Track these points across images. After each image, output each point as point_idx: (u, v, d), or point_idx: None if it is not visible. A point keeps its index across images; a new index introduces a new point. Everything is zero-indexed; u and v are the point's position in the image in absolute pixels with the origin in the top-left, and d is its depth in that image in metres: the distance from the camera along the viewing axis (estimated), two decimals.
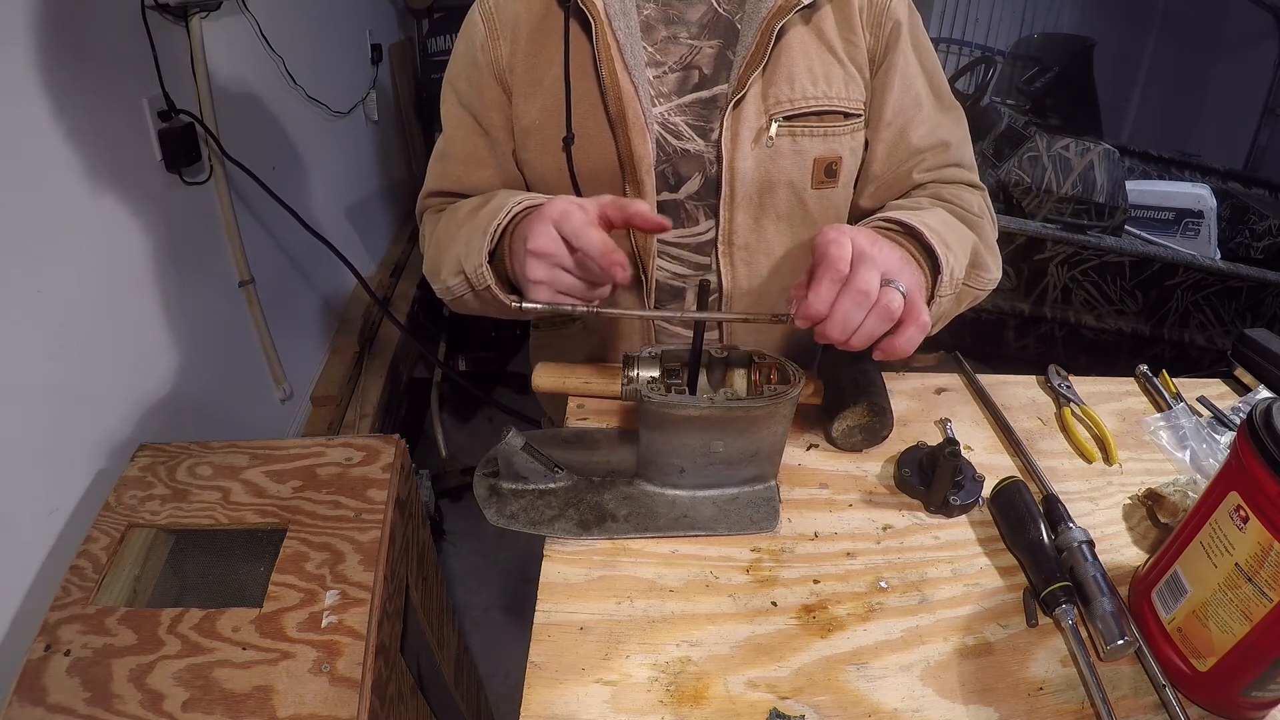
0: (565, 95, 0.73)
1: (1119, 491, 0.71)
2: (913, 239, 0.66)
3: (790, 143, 0.75)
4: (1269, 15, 3.17)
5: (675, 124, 0.76)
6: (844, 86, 0.75)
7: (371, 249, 2.34)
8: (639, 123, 0.72)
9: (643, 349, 0.63)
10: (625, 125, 0.72)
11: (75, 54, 1.01)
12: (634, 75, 0.72)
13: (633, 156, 0.73)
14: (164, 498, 0.89)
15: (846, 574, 0.61)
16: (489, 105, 0.79)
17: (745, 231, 0.78)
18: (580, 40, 0.73)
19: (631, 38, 0.72)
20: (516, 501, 0.64)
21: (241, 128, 1.46)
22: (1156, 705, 0.53)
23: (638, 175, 0.74)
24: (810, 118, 0.74)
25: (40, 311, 0.95)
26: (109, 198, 1.08)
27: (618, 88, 0.72)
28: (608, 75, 0.71)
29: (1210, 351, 2.10)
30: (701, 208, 0.78)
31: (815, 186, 0.77)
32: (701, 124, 0.75)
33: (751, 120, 0.73)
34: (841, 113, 0.75)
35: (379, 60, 2.37)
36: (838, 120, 0.76)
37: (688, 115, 0.75)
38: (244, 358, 1.53)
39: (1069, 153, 2.08)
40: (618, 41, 0.71)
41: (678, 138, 0.76)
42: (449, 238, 0.75)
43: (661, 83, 0.75)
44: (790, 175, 0.76)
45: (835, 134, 0.76)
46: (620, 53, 0.71)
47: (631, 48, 0.72)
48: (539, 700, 0.50)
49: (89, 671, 0.71)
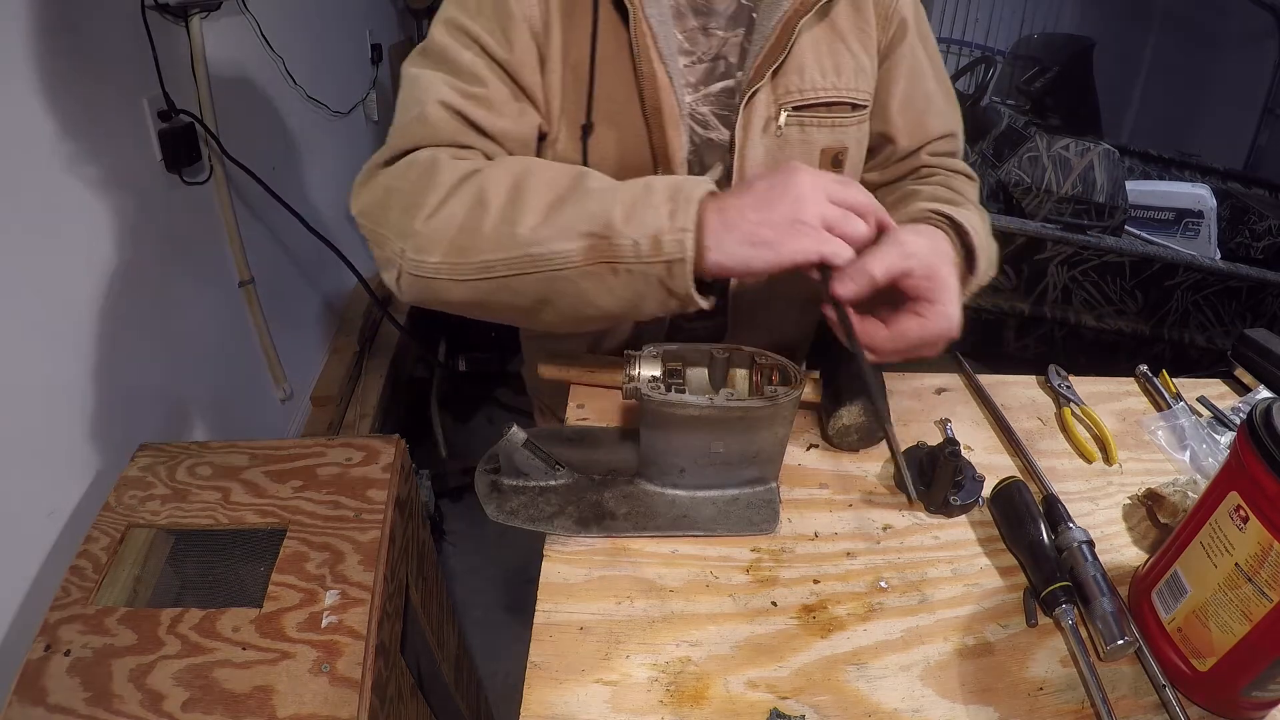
0: (589, 81, 0.71)
1: (1119, 491, 0.71)
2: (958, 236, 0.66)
3: (799, 132, 0.75)
4: (1269, 15, 3.17)
5: (703, 114, 0.76)
6: (853, 77, 0.75)
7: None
8: (674, 113, 0.71)
9: (644, 347, 0.63)
10: (661, 116, 0.71)
11: (75, 54, 1.01)
12: (669, 65, 0.71)
13: (667, 148, 0.72)
14: (164, 498, 0.89)
15: (846, 574, 0.61)
16: (524, 64, 0.69)
17: None
18: (611, 27, 0.70)
19: (664, 26, 0.71)
20: (517, 498, 0.64)
21: (241, 128, 1.46)
22: (1156, 705, 0.53)
23: (671, 167, 0.73)
24: (819, 108, 0.75)
25: (40, 311, 0.95)
26: (109, 198, 1.08)
27: (654, 77, 0.70)
28: (644, 65, 0.70)
29: (1210, 351, 2.10)
30: None
31: None
32: (726, 113, 0.75)
33: (762, 109, 0.73)
34: (849, 104, 0.76)
35: (379, 60, 2.37)
36: (845, 111, 0.76)
37: (714, 105, 0.76)
38: (244, 358, 1.53)
39: (1069, 153, 2.08)
40: (652, 30, 0.69)
41: (705, 127, 0.76)
42: (550, 192, 0.58)
43: (690, 72, 0.75)
44: None
45: (843, 125, 0.76)
46: (655, 41, 0.70)
47: (665, 37, 0.71)
48: (539, 700, 0.50)
49: (89, 671, 0.70)
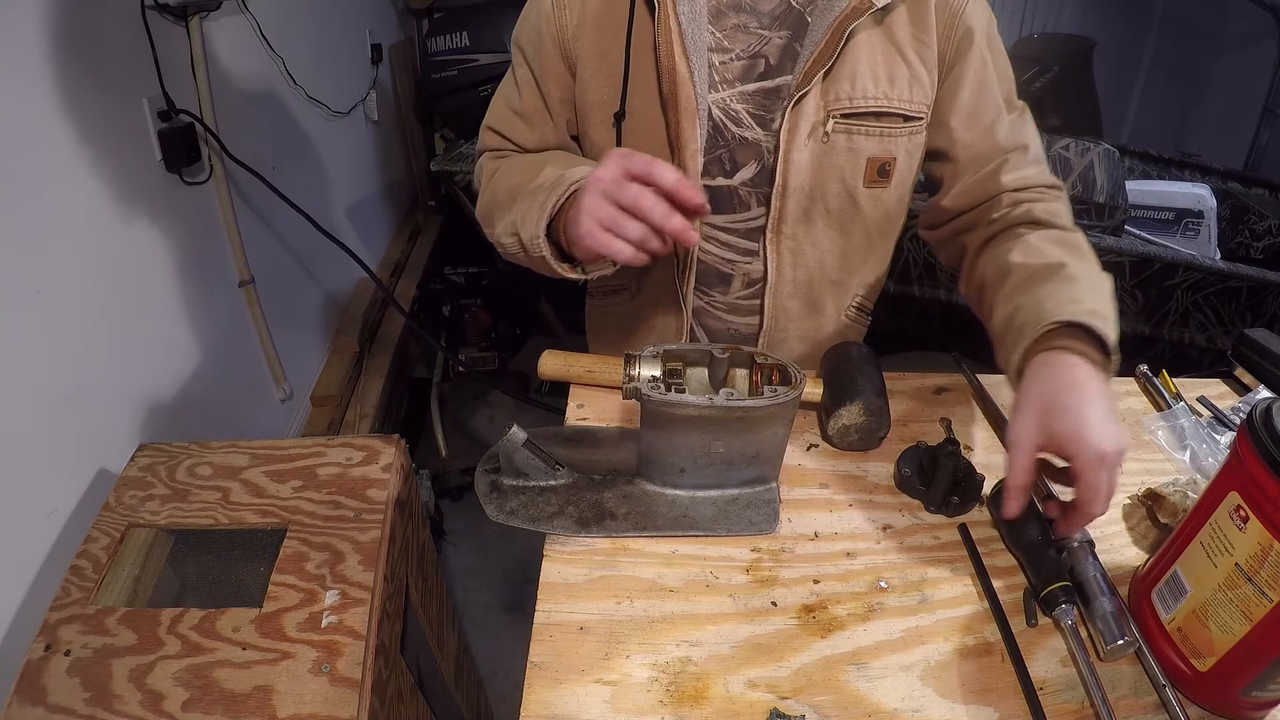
0: (624, 72, 0.74)
1: (1119, 491, 0.71)
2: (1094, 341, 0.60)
3: (846, 140, 0.75)
4: (1269, 15, 3.16)
5: (736, 111, 0.76)
6: (907, 88, 0.74)
7: (372, 249, 2.34)
8: (690, 107, 0.73)
9: (644, 347, 0.63)
10: (677, 108, 0.73)
11: (75, 54, 1.01)
12: (692, 60, 0.72)
13: (680, 139, 0.74)
14: (164, 498, 0.88)
15: (846, 574, 0.61)
16: (548, 75, 0.79)
17: (794, 222, 0.79)
18: (644, 20, 0.73)
19: (695, 22, 0.72)
20: (516, 498, 0.64)
21: (241, 128, 1.46)
22: (1156, 705, 0.53)
23: (683, 159, 0.75)
24: (868, 117, 0.74)
25: (40, 311, 0.95)
26: (109, 198, 1.08)
27: (673, 71, 0.72)
28: (665, 58, 0.72)
29: (1210, 351, 2.09)
30: (755, 195, 0.79)
31: (867, 185, 0.78)
32: (762, 113, 0.76)
33: (810, 115, 0.73)
34: (901, 115, 0.75)
35: (379, 60, 2.37)
36: (896, 122, 0.75)
37: (749, 104, 0.76)
38: (244, 358, 1.53)
39: (1069, 153, 2.08)
40: (679, 25, 0.71)
41: (737, 125, 0.76)
42: (506, 196, 0.76)
43: (726, 69, 0.75)
44: (843, 171, 0.76)
45: (892, 135, 0.76)
46: (680, 36, 0.72)
47: (694, 33, 0.72)
48: (539, 700, 0.50)
49: (89, 671, 0.70)
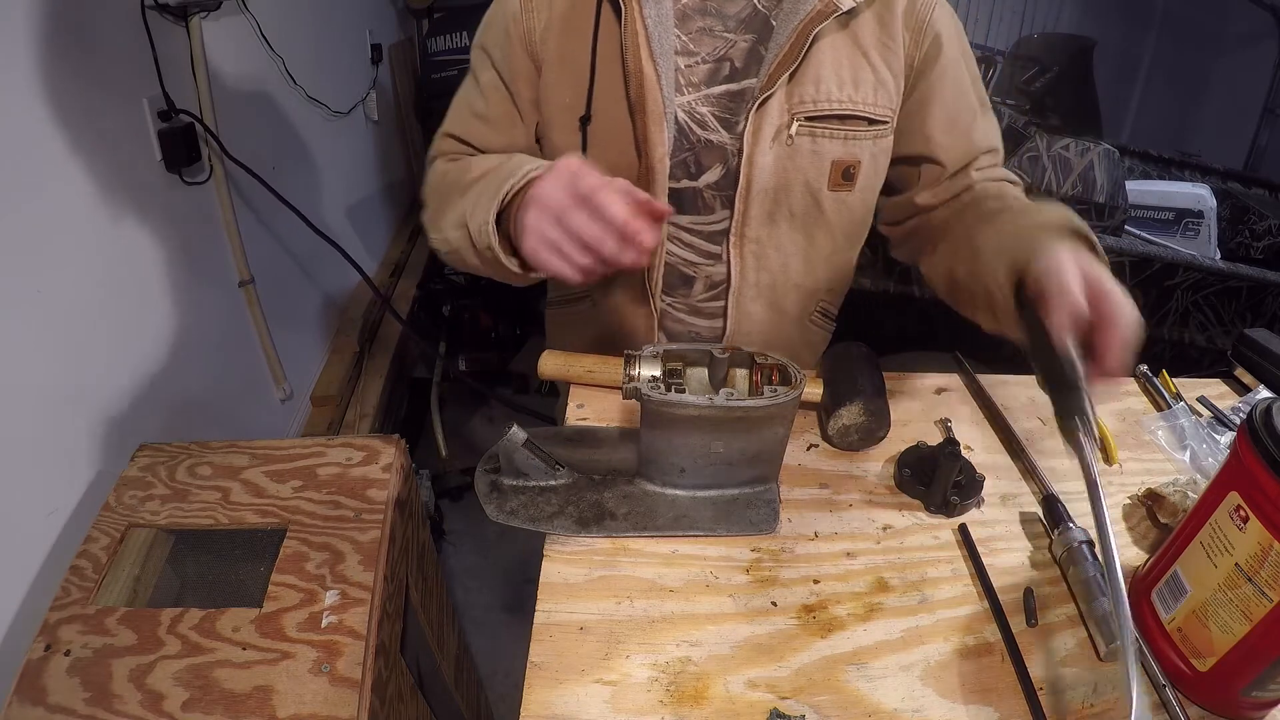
0: (589, 76, 0.74)
1: (1119, 491, 0.71)
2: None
3: (810, 142, 0.75)
4: (1269, 15, 3.16)
5: (701, 114, 0.76)
6: (872, 92, 0.75)
7: (372, 249, 2.34)
8: (657, 110, 0.73)
9: (644, 347, 0.63)
10: (644, 112, 0.73)
11: (75, 54, 1.01)
12: (659, 63, 0.72)
13: (648, 142, 0.74)
14: (164, 498, 0.88)
15: (846, 574, 0.61)
16: (517, 75, 0.79)
17: (758, 225, 0.79)
18: (611, 23, 0.73)
19: (661, 25, 0.72)
20: (516, 498, 0.64)
21: (241, 128, 1.46)
22: (1156, 705, 0.53)
23: (650, 162, 0.75)
24: (832, 120, 0.75)
25: (40, 311, 0.95)
26: (109, 198, 1.08)
27: (640, 74, 0.72)
28: (631, 60, 0.72)
29: (1210, 351, 2.09)
30: (719, 198, 0.79)
31: (832, 189, 0.78)
32: (728, 116, 0.76)
33: (774, 117, 0.73)
34: (865, 118, 0.75)
35: (379, 60, 2.37)
36: (860, 125, 0.75)
37: (715, 107, 0.76)
38: (244, 358, 1.53)
39: (1069, 153, 2.08)
40: (646, 29, 0.71)
41: (703, 128, 0.76)
42: (456, 190, 0.74)
43: (692, 72, 0.75)
44: (807, 175, 0.76)
45: (856, 138, 0.76)
46: (648, 39, 0.72)
47: (660, 35, 0.72)
48: (539, 700, 0.50)
49: (89, 671, 0.70)
